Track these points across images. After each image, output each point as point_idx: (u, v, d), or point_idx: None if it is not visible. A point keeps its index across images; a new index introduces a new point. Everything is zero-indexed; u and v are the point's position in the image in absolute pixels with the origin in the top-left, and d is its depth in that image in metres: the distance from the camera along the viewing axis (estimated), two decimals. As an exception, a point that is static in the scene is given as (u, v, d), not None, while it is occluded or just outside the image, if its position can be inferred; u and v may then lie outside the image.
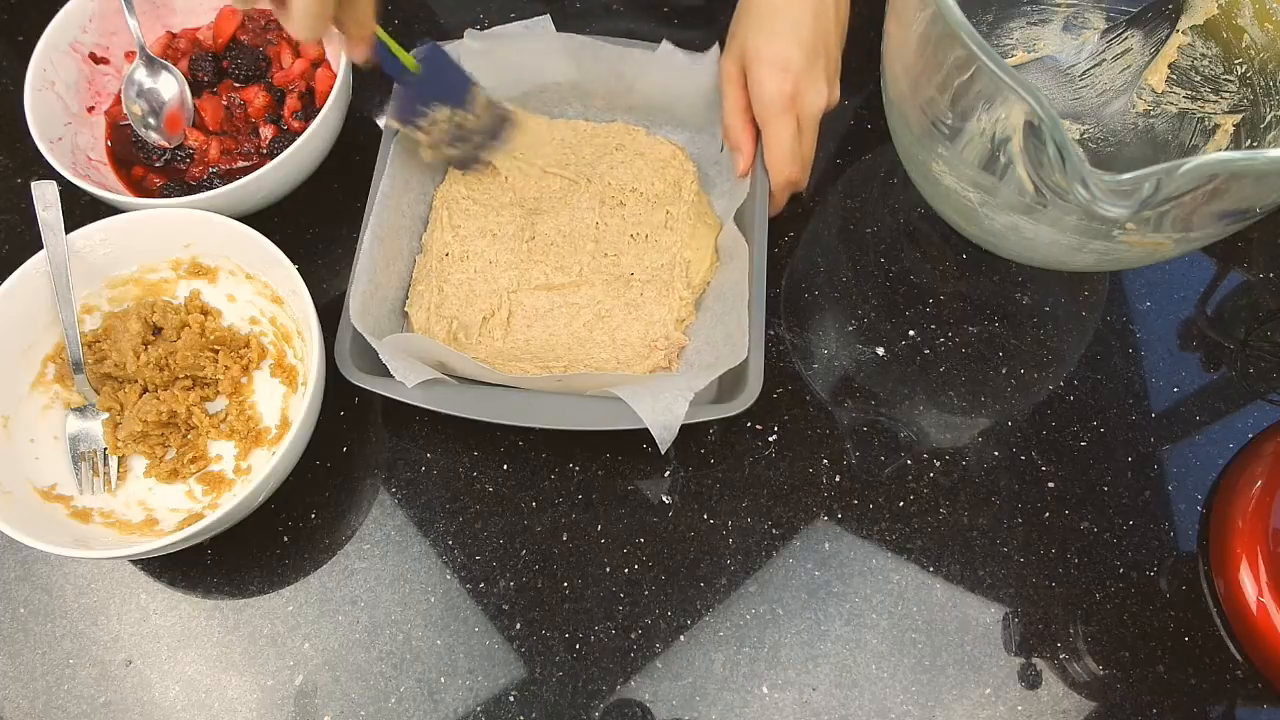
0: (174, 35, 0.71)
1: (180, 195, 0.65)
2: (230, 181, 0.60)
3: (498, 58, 0.66)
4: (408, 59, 0.60)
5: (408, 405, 0.56)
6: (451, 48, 0.66)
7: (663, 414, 0.53)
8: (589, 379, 0.57)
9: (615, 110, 0.69)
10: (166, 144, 0.67)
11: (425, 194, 0.66)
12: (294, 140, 0.61)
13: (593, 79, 0.67)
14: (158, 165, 0.67)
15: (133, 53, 0.69)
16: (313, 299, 0.56)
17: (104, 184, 0.63)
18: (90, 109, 0.68)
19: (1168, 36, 0.64)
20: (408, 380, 0.55)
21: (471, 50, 0.66)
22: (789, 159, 0.61)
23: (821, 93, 0.61)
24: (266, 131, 0.67)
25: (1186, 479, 0.61)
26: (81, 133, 0.66)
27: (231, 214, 0.60)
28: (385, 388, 0.56)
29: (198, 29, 0.71)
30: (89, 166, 0.65)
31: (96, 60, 0.68)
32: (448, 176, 0.67)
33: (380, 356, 0.56)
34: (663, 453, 0.56)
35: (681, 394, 0.54)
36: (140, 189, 0.66)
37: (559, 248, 0.64)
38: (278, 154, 0.61)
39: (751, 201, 0.62)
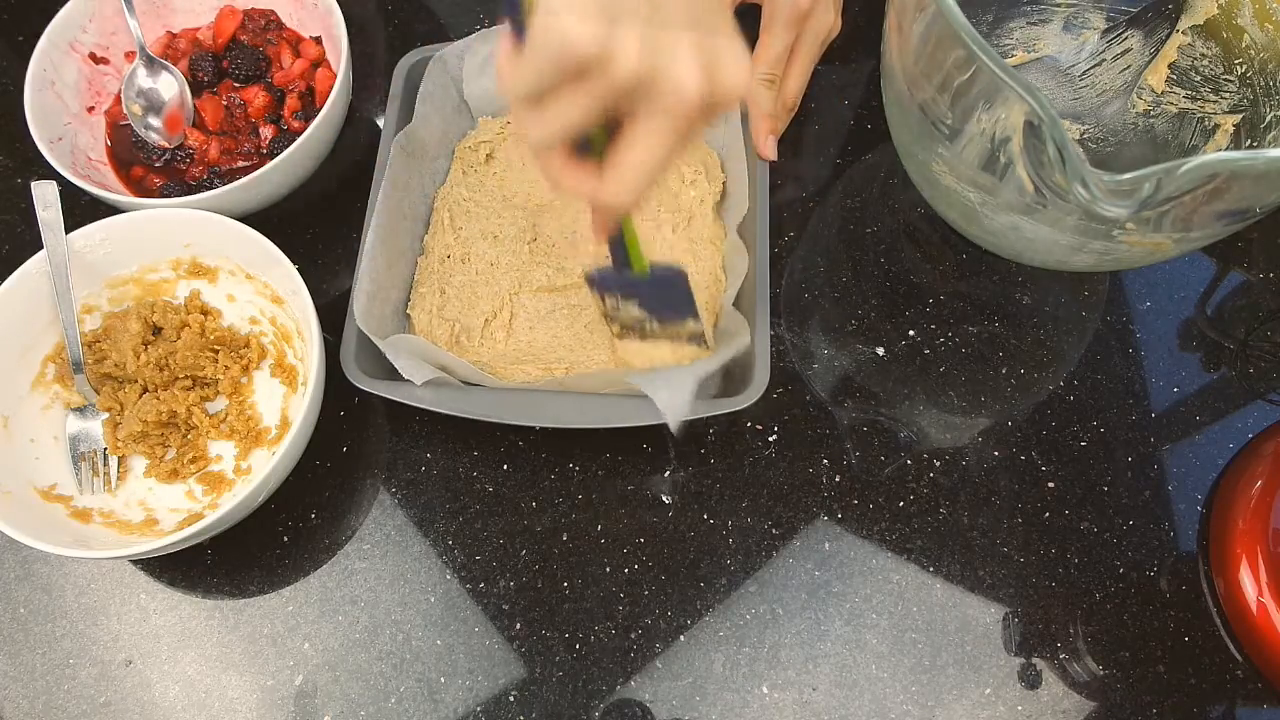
0: (174, 35, 0.71)
1: (180, 195, 0.65)
2: (230, 181, 0.60)
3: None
4: (640, 261, 0.53)
5: (408, 405, 0.56)
6: (457, 47, 0.66)
7: (672, 396, 0.53)
8: (592, 379, 0.56)
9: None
10: (166, 144, 0.67)
11: (426, 195, 0.66)
12: (294, 140, 0.61)
13: None
14: (158, 165, 0.67)
15: (133, 53, 0.69)
16: (313, 299, 0.56)
17: (104, 184, 0.63)
18: (90, 109, 0.68)
19: (1168, 36, 0.64)
20: (415, 379, 0.55)
21: (478, 53, 0.66)
22: (771, 65, 0.62)
23: (830, 13, 0.61)
24: (266, 131, 0.67)
25: (1186, 479, 0.61)
26: (81, 133, 0.66)
27: (232, 214, 0.60)
28: (391, 391, 0.56)
29: (198, 29, 0.71)
30: (89, 166, 0.65)
31: (96, 60, 0.68)
32: (449, 178, 0.67)
33: (386, 355, 0.56)
34: (674, 432, 0.55)
35: (690, 375, 0.53)
36: (140, 189, 0.66)
37: (560, 249, 0.64)
38: (278, 154, 0.61)
39: (753, 210, 0.62)
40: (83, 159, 0.65)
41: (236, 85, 0.69)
